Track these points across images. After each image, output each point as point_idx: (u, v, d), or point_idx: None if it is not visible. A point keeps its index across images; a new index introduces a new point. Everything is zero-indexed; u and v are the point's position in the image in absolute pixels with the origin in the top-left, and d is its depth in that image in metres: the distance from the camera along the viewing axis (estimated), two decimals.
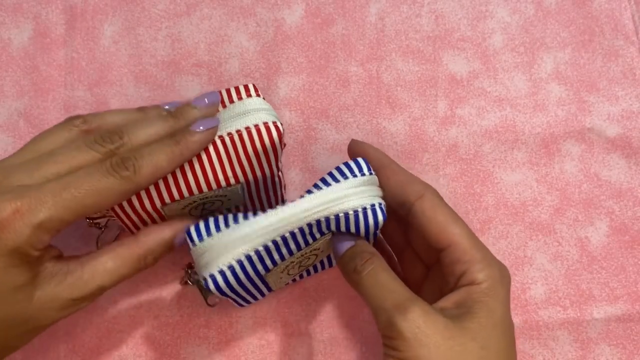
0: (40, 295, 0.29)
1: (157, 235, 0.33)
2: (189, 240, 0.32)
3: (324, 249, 0.34)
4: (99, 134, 0.31)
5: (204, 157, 0.32)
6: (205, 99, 0.33)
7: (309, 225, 0.31)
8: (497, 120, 0.43)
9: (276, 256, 0.32)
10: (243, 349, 0.39)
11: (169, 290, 0.40)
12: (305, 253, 0.33)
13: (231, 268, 0.31)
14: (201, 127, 0.31)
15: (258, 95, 0.34)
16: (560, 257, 0.41)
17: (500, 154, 0.43)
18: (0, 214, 0.27)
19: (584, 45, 0.45)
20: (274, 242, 0.31)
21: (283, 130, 0.33)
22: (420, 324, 0.28)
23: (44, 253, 0.30)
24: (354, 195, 0.31)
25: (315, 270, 0.39)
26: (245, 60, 0.44)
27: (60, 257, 0.31)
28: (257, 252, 0.31)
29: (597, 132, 0.43)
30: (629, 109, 0.43)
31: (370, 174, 0.33)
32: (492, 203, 0.42)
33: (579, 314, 0.40)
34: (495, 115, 0.43)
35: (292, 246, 0.32)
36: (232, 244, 0.31)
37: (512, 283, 0.41)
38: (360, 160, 0.33)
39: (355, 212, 0.31)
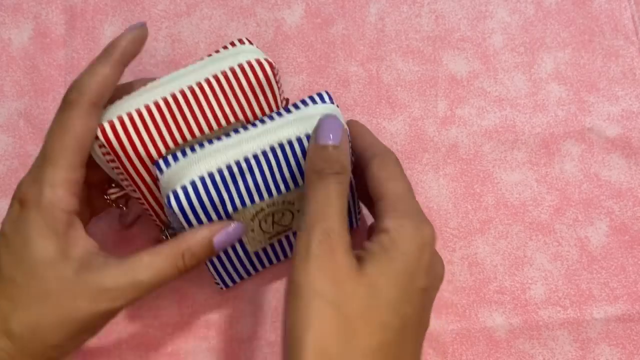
0: (72, 277, 0.30)
1: (195, 234, 0.32)
2: (157, 171, 0.32)
3: (298, 205, 0.34)
4: None
5: (201, 98, 0.34)
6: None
7: (280, 146, 0.32)
8: (497, 120, 0.43)
9: (242, 186, 0.32)
10: (243, 349, 0.39)
11: (169, 290, 0.40)
12: (276, 203, 0.33)
13: (193, 184, 0.31)
14: (130, 31, 0.33)
15: (251, 44, 0.36)
16: (560, 257, 0.41)
17: (500, 154, 0.43)
18: (20, 191, 0.30)
19: (584, 45, 0.45)
20: (237, 164, 0.31)
21: (276, 67, 0.35)
22: (328, 252, 0.27)
23: (76, 228, 0.31)
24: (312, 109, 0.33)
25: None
26: None
27: (99, 251, 0.32)
28: (220, 172, 0.31)
29: (597, 132, 0.43)
30: (629, 109, 0.43)
31: (332, 103, 0.34)
32: (492, 203, 0.42)
33: (578, 314, 0.40)
34: (495, 115, 0.43)
35: (259, 179, 0.32)
36: (196, 164, 0.32)
37: (512, 283, 0.41)
38: (323, 92, 0.34)
39: (298, 138, 0.32)
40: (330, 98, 0.34)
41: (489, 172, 0.42)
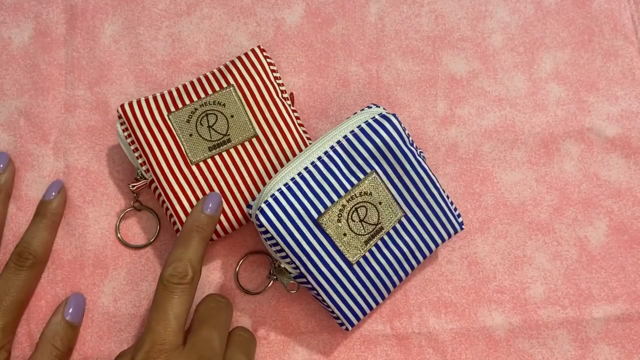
0: None
1: (50, 322, 0.37)
2: (247, 209, 0.36)
3: (377, 196, 0.36)
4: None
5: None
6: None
7: (332, 148, 0.36)
8: (496, 120, 0.43)
9: (317, 189, 0.35)
10: None
11: None
12: (354, 197, 0.35)
13: (274, 197, 0.35)
14: (53, 194, 0.40)
15: None
16: (559, 256, 0.41)
17: (499, 154, 0.43)
18: None
19: (583, 45, 0.45)
20: (306, 169, 0.35)
21: (275, 66, 0.40)
22: None
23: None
24: (357, 115, 0.37)
25: (411, 266, 0.38)
26: None
27: None
28: (294, 180, 0.35)
29: (596, 132, 0.43)
30: (629, 109, 0.43)
31: (377, 107, 0.38)
32: (491, 203, 0.42)
33: (578, 314, 0.40)
34: (494, 115, 0.43)
35: (331, 179, 0.35)
36: (272, 185, 0.35)
37: (512, 283, 0.41)
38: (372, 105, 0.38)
39: (360, 127, 0.36)
40: (375, 105, 0.38)
41: (488, 171, 0.43)
